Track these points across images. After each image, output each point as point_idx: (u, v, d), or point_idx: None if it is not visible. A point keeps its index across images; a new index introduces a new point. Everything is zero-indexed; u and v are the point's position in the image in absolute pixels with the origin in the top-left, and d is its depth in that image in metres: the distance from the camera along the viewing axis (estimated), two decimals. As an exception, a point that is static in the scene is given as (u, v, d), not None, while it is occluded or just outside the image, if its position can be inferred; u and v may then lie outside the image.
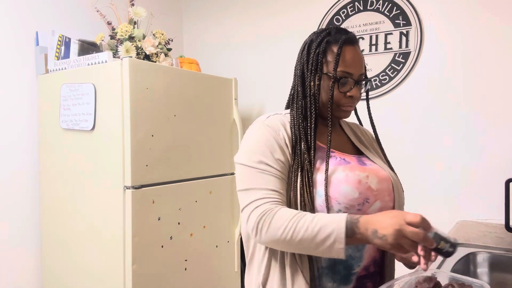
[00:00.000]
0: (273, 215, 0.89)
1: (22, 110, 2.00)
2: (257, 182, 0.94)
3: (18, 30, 1.98)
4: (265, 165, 0.95)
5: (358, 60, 1.01)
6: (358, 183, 0.95)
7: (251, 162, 0.96)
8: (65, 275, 1.89)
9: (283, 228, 0.87)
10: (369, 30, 2.27)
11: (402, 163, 2.17)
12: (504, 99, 1.95)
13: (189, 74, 1.99)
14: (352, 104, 1.03)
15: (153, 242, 1.75)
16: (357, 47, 1.02)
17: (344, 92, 1.00)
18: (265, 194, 0.92)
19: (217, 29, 2.83)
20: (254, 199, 0.92)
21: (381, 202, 0.98)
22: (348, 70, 0.99)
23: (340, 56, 0.99)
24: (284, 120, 1.03)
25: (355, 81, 1.01)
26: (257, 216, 0.90)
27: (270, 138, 0.98)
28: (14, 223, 1.96)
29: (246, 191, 0.95)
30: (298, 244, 0.86)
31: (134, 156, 1.68)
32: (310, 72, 1.01)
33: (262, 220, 0.89)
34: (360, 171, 0.98)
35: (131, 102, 1.67)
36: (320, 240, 0.84)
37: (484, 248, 1.49)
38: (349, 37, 1.01)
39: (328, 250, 0.84)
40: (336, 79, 0.99)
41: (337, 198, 0.94)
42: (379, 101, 2.25)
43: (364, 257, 0.98)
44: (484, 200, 1.97)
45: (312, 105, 1.01)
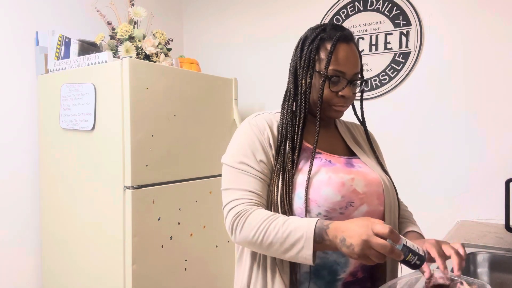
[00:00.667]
0: (247, 216, 0.88)
1: (22, 110, 1.99)
2: (236, 182, 0.93)
3: (18, 30, 1.98)
4: (245, 166, 0.94)
5: (352, 58, 0.97)
6: (341, 186, 0.92)
7: (233, 162, 0.95)
8: (65, 275, 1.89)
9: (255, 230, 0.86)
10: (369, 30, 2.26)
11: (402, 163, 2.17)
12: (504, 99, 1.95)
13: (189, 74, 1.99)
14: (344, 104, 0.99)
15: (153, 242, 1.75)
16: (352, 45, 0.98)
17: (336, 91, 0.96)
18: (242, 195, 0.91)
19: (217, 29, 2.83)
20: (231, 199, 0.92)
21: (369, 205, 0.94)
22: (340, 68, 0.95)
23: (333, 54, 0.95)
24: (272, 119, 1.01)
25: (348, 81, 0.96)
26: (232, 216, 0.89)
27: (254, 139, 0.96)
28: (14, 223, 1.96)
29: (226, 190, 0.95)
30: (268, 247, 0.85)
31: (134, 156, 1.68)
32: (302, 69, 0.98)
33: (237, 221, 0.88)
34: (345, 173, 0.94)
35: (131, 102, 1.67)
36: (289, 245, 0.83)
37: (484, 248, 1.49)
38: (344, 34, 0.97)
39: (296, 256, 0.83)
40: (327, 77, 0.95)
41: (317, 200, 0.90)
42: (379, 101, 2.25)
43: (350, 262, 0.94)
44: (484, 200, 1.97)
45: (302, 103, 0.98)
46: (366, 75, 2.27)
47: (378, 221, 0.78)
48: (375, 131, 2.23)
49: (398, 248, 0.76)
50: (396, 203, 1.01)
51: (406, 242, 0.79)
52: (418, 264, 0.79)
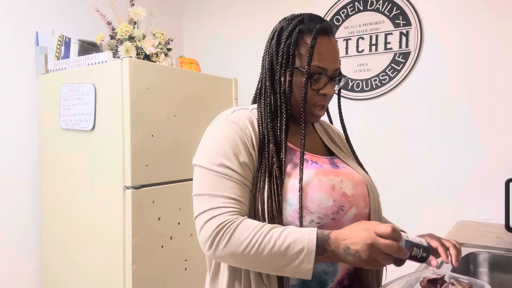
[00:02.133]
0: (235, 227, 0.77)
1: (22, 110, 1.99)
2: (216, 187, 0.82)
3: (18, 30, 1.98)
4: (226, 169, 0.83)
5: (333, 53, 0.89)
6: (331, 189, 0.86)
7: (210, 164, 0.84)
8: (65, 275, 1.89)
9: (247, 243, 0.76)
10: (369, 30, 2.26)
11: (402, 163, 2.17)
12: (504, 99, 1.95)
13: (189, 74, 1.99)
14: (324, 103, 0.91)
15: (153, 242, 1.75)
16: (332, 38, 0.90)
17: (317, 89, 0.89)
18: (224, 202, 0.80)
19: (217, 29, 2.83)
20: (210, 207, 0.80)
21: (356, 208, 0.89)
22: (322, 65, 0.87)
23: (314, 49, 0.86)
24: (251, 116, 0.91)
25: (330, 78, 0.89)
26: (213, 228, 0.78)
27: (235, 137, 0.86)
28: (14, 223, 1.96)
29: (201, 196, 0.83)
30: (262, 261, 0.76)
31: (134, 156, 1.68)
32: (280, 66, 0.89)
33: (221, 233, 0.77)
34: (333, 175, 0.88)
35: (131, 102, 1.67)
36: (287, 259, 0.75)
37: (484, 248, 1.49)
38: (324, 26, 0.89)
39: (295, 270, 0.75)
40: (310, 75, 0.87)
41: (309, 207, 0.83)
42: (379, 101, 2.25)
43: (338, 270, 0.89)
44: (484, 200, 1.97)
45: (282, 103, 0.89)
46: (366, 75, 2.28)
47: (376, 222, 0.76)
48: (375, 131, 2.24)
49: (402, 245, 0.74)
50: (380, 204, 0.97)
51: (408, 237, 0.77)
52: (424, 256, 0.78)
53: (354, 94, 2.31)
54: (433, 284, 0.82)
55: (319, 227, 0.84)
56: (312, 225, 0.84)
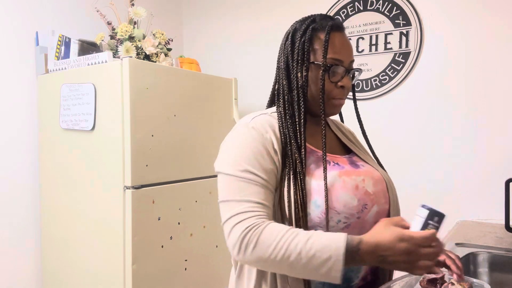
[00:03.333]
0: (261, 231, 0.78)
1: (22, 110, 1.99)
2: (241, 193, 0.83)
3: (18, 30, 1.98)
4: (250, 174, 0.84)
5: (347, 46, 0.93)
6: (355, 189, 0.88)
7: (234, 170, 0.85)
8: (65, 275, 1.89)
9: (273, 247, 0.76)
10: (369, 30, 2.26)
11: (402, 163, 2.17)
12: (504, 99, 1.95)
13: (189, 74, 1.99)
14: (343, 97, 0.94)
15: (153, 242, 1.75)
16: (344, 33, 0.94)
17: (335, 82, 0.92)
18: (250, 207, 0.81)
19: (217, 29, 2.83)
20: (237, 212, 0.81)
21: (378, 206, 0.91)
22: (338, 57, 0.91)
23: (327, 42, 0.89)
24: (271, 120, 0.92)
25: (346, 69, 0.92)
26: (241, 232, 0.79)
27: (257, 143, 0.87)
28: (14, 223, 1.96)
29: (227, 202, 0.84)
30: (288, 267, 0.77)
31: (134, 156, 1.68)
32: (296, 63, 0.91)
33: (248, 237, 0.78)
34: (356, 175, 0.90)
35: (131, 102, 1.67)
36: (314, 266, 0.75)
37: (484, 248, 1.49)
38: (336, 23, 0.93)
39: (322, 277, 0.76)
40: (326, 67, 0.89)
41: (336, 207, 0.85)
42: (379, 101, 2.25)
43: (363, 267, 0.91)
44: (484, 200, 1.97)
45: (300, 98, 0.91)
46: (366, 75, 2.28)
47: (414, 232, 0.77)
48: (375, 131, 2.24)
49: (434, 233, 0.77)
50: (398, 200, 1.00)
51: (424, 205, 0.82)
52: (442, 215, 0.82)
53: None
54: (433, 284, 0.83)
55: (346, 226, 0.86)
56: (339, 225, 0.85)
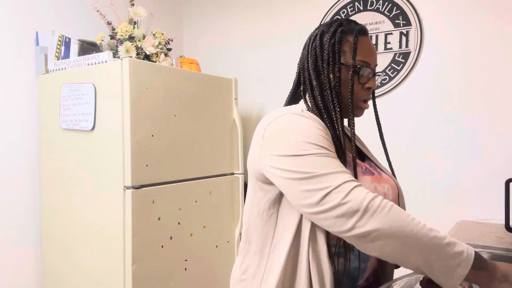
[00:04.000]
0: (392, 204, 0.74)
1: (22, 110, 2.00)
2: (332, 166, 0.78)
3: (18, 30, 1.98)
4: (328, 151, 0.81)
5: (374, 50, 0.98)
6: (384, 196, 0.90)
7: (310, 149, 0.80)
8: (65, 275, 1.89)
9: (408, 221, 0.72)
10: (369, 30, 2.26)
11: (402, 163, 2.17)
12: (504, 99, 1.95)
13: (189, 74, 1.99)
14: (368, 98, 0.98)
15: (153, 242, 1.75)
16: (369, 38, 0.99)
17: (363, 83, 0.95)
18: (351, 177, 0.77)
19: (217, 29, 2.83)
20: (344, 181, 0.75)
21: None
22: (366, 59, 0.95)
23: (356, 45, 0.93)
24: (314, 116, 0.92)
25: (373, 72, 0.97)
26: (366, 196, 0.73)
27: (319, 126, 0.86)
28: (14, 223, 1.96)
29: (319, 177, 0.76)
30: (422, 243, 0.71)
31: (134, 156, 1.68)
32: (327, 64, 0.93)
33: (378, 201, 0.73)
34: (384, 182, 0.95)
35: (131, 102, 1.67)
36: (445, 255, 0.71)
37: (484, 248, 1.49)
38: (362, 27, 0.97)
39: (446, 270, 0.72)
40: (356, 68, 0.92)
41: None
42: (379, 101, 2.25)
43: (368, 268, 0.94)
44: (484, 200, 1.97)
45: (334, 99, 0.91)
46: (366, 75, 2.28)
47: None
48: (375, 131, 2.24)
49: None
50: (405, 207, 1.03)
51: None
52: None
53: (354, 94, 2.31)
54: (433, 284, 0.82)
55: None
56: None
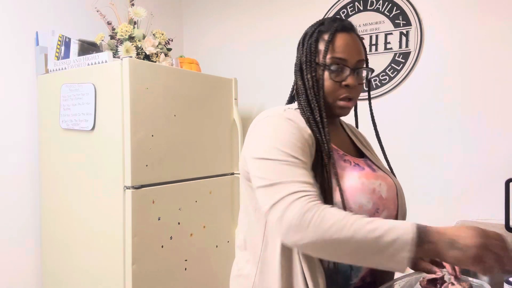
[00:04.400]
0: (323, 209, 0.74)
1: (22, 110, 1.99)
2: (288, 175, 0.80)
3: (18, 30, 1.98)
4: (294, 158, 0.82)
5: (353, 45, 0.93)
6: (372, 193, 0.89)
7: (277, 155, 0.82)
8: (65, 275, 1.89)
9: (337, 227, 0.72)
10: (369, 30, 2.26)
11: (402, 163, 2.17)
12: (504, 98, 1.95)
13: (189, 74, 1.99)
14: (349, 95, 0.93)
15: (153, 242, 1.75)
16: (352, 34, 0.95)
17: (339, 81, 0.92)
18: (302, 187, 0.78)
19: (217, 29, 2.83)
20: (288, 193, 0.77)
21: (388, 211, 0.92)
22: (340, 56, 0.91)
23: (331, 43, 0.92)
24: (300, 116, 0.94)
25: (351, 69, 0.92)
26: (301, 209, 0.74)
27: (295, 131, 0.86)
28: (14, 223, 1.96)
29: (273, 186, 0.79)
30: (354, 246, 0.72)
31: (134, 156, 1.68)
32: (306, 64, 0.94)
33: (311, 214, 0.73)
34: (374, 178, 0.92)
35: (131, 102, 1.67)
36: (382, 245, 0.70)
37: (484, 248, 1.48)
38: (343, 24, 0.95)
39: (389, 259, 0.70)
40: (325, 66, 0.92)
41: (352, 208, 0.86)
42: (379, 101, 2.25)
43: (363, 268, 0.92)
44: (484, 200, 1.97)
45: (313, 98, 0.93)
46: (366, 75, 2.27)
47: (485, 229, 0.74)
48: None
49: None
50: (406, 207, 1.00)
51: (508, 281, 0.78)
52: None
53: (354, 94, 2.31)
54: (433, 284, 0.83)
55: None
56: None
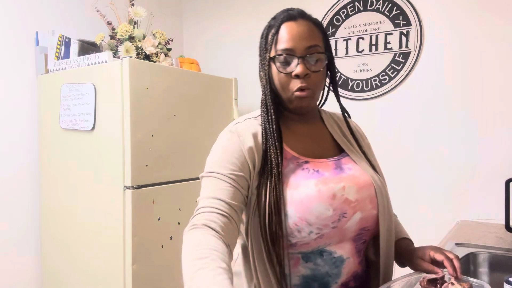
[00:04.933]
0: (188, 233, 0.77)
1: (22, 110, 1.99)
2: (204, 191, 0.84)
3: (18, 30, 1.98)
4: (217, 174, 0.85)
5: (300, 32, 0.88)
6: (332, 199, 0.84)
7: (205, 172, 0.88)
8: (65, 275, 1.89)
9: (183, 255, 0.74)
10: (369, 30, 2.26)
11: (402, 163, 2.17)
12: (504, 99, 1.95)
13: (189, 74, 1.99)
14: (303, 85, 0.87)
15: (153, 242, 1.75)
16: (300, 21, 0.89)
17: (289, 72, 0.88)
18: (208, 202, 0.81)
19: (217, 29, 2.82)
20: (197, 208, 0.82)
21: (362, 212, 0.88)
22: (287, 46, 0.87)
23: (276, 35, 0.88)
24: (255, 125, 0.92)
25: (298, 57, 0.87)
26: (186, 228, 0.79)
27: (231, 147, 0.87)
28: (14, 223, 1.96)
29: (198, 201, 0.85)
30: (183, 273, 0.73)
31: (134, 156, 1.68)
32: (260, 63, 0.94)
33: (185, 231, 0.79)
34: (335, 182, 0.86)
35: (131, 102, 1.67)
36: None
37: (484, 248, 1.49)
38: (290, 13, 0.90)
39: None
40: (271, 58, 0.89)
41: (308, 219, 0.83)
42: (379, 101, 2.25)
43: (343, 273, 0.89)
44: (484, 200, 1.97)
45: (267, 95, 0.91)
46: (366, 75, 2.27)
47: None
48: (375, 131, 2.24)
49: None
50: (390, 204, 0.95)
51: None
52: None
53: (354, 94, 2.31)
54: (433, 284, 0.83)
55: (319, 237, 0.85)
56: (311, 236, 0.84)
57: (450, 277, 0.83)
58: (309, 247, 0.86)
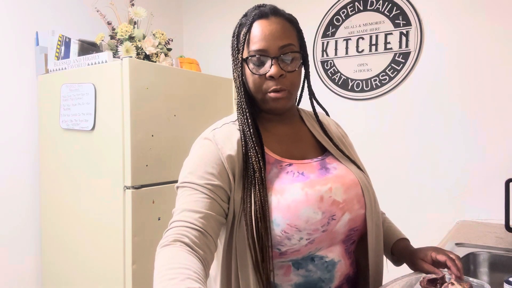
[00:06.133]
0: (158, 248, 0.73)
1: (22, 110, 1.99)
2: (179, 202, 0.80)
3: (18, 30, 1.98)
4: (191, 184, 0.81)
5: (273, 31, 0.83)
6: (319, 201, 0.81)
7: (180, 182, 0.83)
8: (65, 275, 1.89)
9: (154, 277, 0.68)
10: (369, 30, 2.26)
11: (402, 164, 2.17)
12: (504, 99, 1.95)
13: (189, 74, 1.99)
14: (277, 86, 0.84)
15: (153, 242, 1.75)
16: (272, 18, 0.85)
17: (264, 74, 0.84)
18: (182, 216, 0.77)
19: (217, 29, 2.83)
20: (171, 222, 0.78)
21: (350, 213, 0.85)
22: (258, 46, 0.83)
23: (248, 34, 0.84)
24: (233, 130, 0.88)
25: (272, 57, 0.83)
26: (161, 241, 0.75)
27: (207, 154, 0.83)
28: (14, 222, 1.96)
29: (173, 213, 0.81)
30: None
31: (134, 156, 1.68)
32: (233, 62, 0.90)
33: (158, 246, 0.74)
34: (321, 184, 0.83)
35: (131, 102, 1.67)
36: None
37: (484, 248, 1.49)
38: (261, 10, 0.85)
39: None
40: (243, 60, 0.86)
41: (297, 225, 0.79)
42: (379, 101, 2.25)
43: (336, 276, 0.87)
44: (484, 200, 1.97)
45: (242, 98, 0.87)
46: (366, 75, 2.27)
47: None
48: (375, 131, 2.24)
49: None
50: (376, 202, 0.92)
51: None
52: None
53: (354, 94, 2.31)
54: (433, 284, 0.83)
55: (309, 242, 0.82)
56: (301, 243, 0.81)
57: (450, 277, 0.83)
58: (299, 254, 0.83)
